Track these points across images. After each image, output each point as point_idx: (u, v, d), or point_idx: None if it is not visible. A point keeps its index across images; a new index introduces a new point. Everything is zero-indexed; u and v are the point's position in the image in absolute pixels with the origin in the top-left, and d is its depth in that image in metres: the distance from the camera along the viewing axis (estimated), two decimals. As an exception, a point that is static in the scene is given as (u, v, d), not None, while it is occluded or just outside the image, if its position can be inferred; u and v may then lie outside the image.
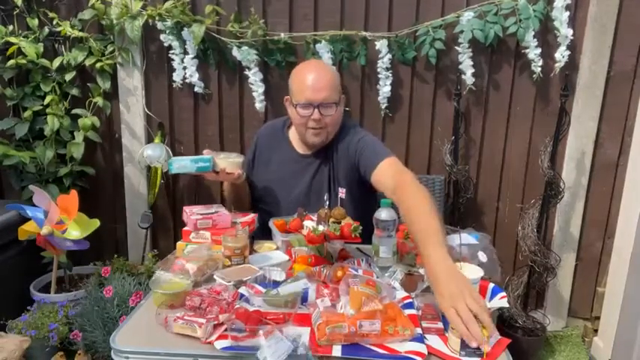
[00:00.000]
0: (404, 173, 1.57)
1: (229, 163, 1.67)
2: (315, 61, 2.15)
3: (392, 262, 1.45)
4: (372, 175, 1.65)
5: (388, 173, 1.60)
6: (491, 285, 1.37)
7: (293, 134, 1.88)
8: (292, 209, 1.66)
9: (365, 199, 1.78)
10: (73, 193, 2.09)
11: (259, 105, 2.41)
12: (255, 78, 2.36)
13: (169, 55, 2.40)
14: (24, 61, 2.31)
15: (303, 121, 1.71)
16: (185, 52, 2.38)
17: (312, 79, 1.68)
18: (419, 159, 2.46)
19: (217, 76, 2.47)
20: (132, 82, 2.48)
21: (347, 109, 2.39)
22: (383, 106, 2.36)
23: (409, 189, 1.45)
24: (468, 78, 2.25)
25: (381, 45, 2.24)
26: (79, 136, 2.40)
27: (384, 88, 2.32)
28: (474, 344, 0.99)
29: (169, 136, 2.56)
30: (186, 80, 2.42)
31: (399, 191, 1.47)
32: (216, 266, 1.45)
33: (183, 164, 1.61)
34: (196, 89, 2.45)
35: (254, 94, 2.40)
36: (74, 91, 2.44)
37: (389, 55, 2.26)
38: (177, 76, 2.42)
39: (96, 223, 2.16)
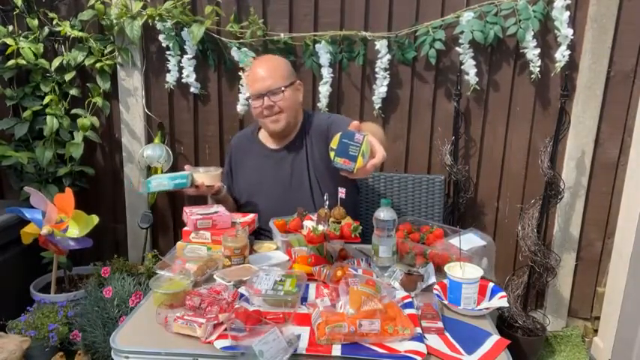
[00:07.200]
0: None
1: (208, 176, 1.71)
2: (263, 56, 2.18)
3: (391, 262, 1.46)
4: None
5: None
6: (491, 285, 1.38)
7: (263, 134, 1.96)
8: (278, 206, 1.71)
9: (345, 181, 1.78)
10: (68, 191, 2.09)
11: (240, 108, 2.41)
12: (246, 81, 2.35)
13: (167, 55, 2.40)
14: (24, 62, 2.31)
15: (259, 111, 1.80)
16: (184, 53, 2.38)
17: (257, 71, 1.81)
18: (419, 159, 2.46)
19: (217, 77, 2.47)
20: (132, 82, 2.48)
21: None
22: (377, 107, 2.36)
23: (367, 124, 1.61)
24: (472, 78, 2.25)
25: (381, 45, 2.24)
26: (78, 137, 2.40)
27: (380, 89, 2.32)
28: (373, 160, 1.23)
29: (169, 136, 2.56)
30: (183, 81, 2.42)
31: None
32: (216, 266, 1.45)
33: (161, 182, 1.64)
34: (192, 90, 2.45)
35: (240, 95, 2.40)
36: (74, 92, 2.44)
37: (388, 56, 2.27)
38: (170, 77, 2.41)
39: (95, 219, 2.15)
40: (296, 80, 1.86)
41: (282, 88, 1.77)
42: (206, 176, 1.70)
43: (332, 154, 1.22)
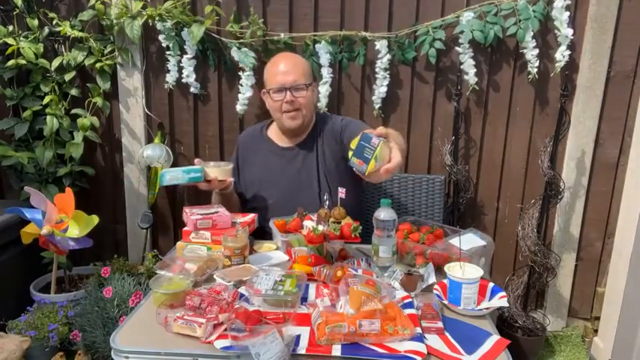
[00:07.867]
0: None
1: (220, 171, 1.70)
2: (285, 52, 2.17)
3: (391, 262, 1.46)
4: None
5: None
6: (491, 284, 1.38)
7: (273, 132, 1.96)
8: (284, 205, 1.71)
9: (352, 182, 1.78)
10: (68, 191, 2.09)
11: (240, 107, 2.40)
12: (246, 81, 2.35)
13: (167, 55, 2.40)
14: (24, 62, 2.30)
15: (278, 105, 1.80)
16: (184, 53, 2.38)
17: (282, 65, 1.83)
18: (419, 159, 2.46)
19: (217, 77, 2.47)
20: (132, 82, 2.48)
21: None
22: (377, 107, 2.36)
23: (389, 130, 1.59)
24: (471, 78, 2.25)
25: (381, 45, 2.24)
26: (78, 137, 2.39)
27: (380, 89, 2.32)
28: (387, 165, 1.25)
29: (169, 136, 2.56)
30: (183, 81, 2.42)
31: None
32: (216, 266, 1.45)
33: (175, 175, 1.63)
34: (192, 90, 2.45)
35: (239, 95, 2.39)
36: (74, 92, 2.44)
37: (388, 56, 2.27)
38: (170, 78, 2.41)
39: (95, 219, 2.16)
40: (314, 82, 1.88)
41: (306, 85, 1.79)
42: (219, 171, 1.70)
43: (350, 153, 1.27)
